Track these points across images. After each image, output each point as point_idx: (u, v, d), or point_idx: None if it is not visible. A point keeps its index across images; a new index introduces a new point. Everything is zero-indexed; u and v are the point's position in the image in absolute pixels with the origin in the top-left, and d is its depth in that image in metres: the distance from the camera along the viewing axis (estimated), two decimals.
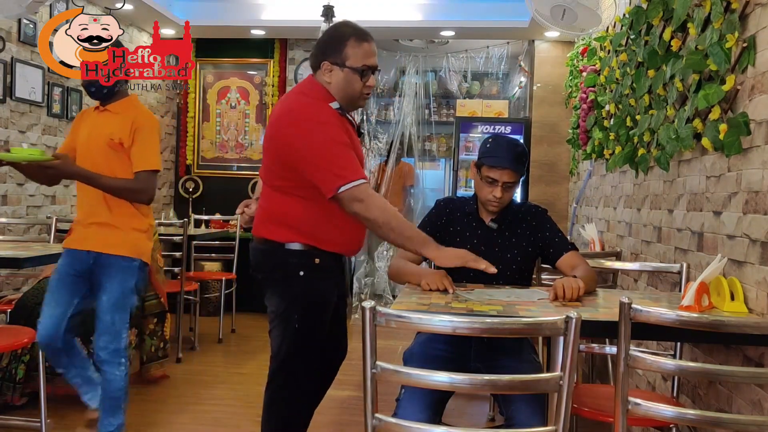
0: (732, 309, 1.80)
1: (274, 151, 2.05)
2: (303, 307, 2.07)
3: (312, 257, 2.05)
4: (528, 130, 5.32)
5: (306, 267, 2.05)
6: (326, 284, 2.10)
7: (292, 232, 2.05)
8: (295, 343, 2.09)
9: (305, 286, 2.06)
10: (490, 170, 2.15)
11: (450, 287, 1.97)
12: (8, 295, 3.59)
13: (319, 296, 2.09)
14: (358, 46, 2.06)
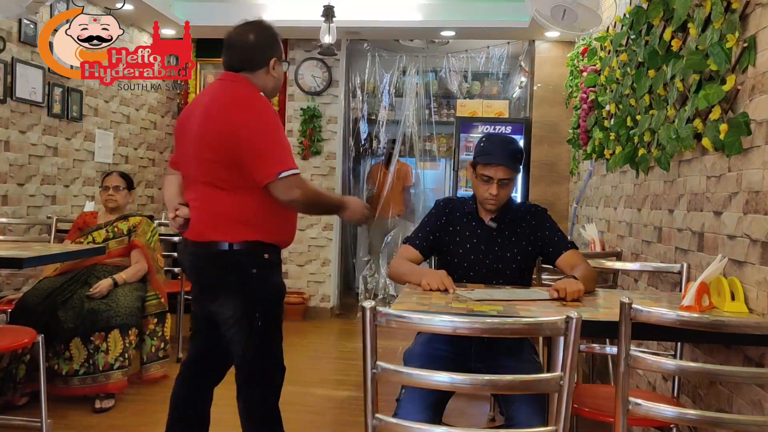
0: (732, 309, 1.80)
1: (215, 145, 1.98)
2: (263, 305, 2.07)
3: (261, 253, 2.04)
4: (528, 130, 5.32)
5: (257, 264, 2.03)
6: (278, 278, 2.13)
7: (239, 229, 2.01)
8: (262, 342, 2.09)
9: (261, 283, 2.06)
10: (485, 168, 2.17)
11: (450, 287, 1.98)
12: (8, 295, 3.60)
13: (275, 291, 2.11)
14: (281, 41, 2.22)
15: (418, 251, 2.26)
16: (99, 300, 3.19)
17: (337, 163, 5.65)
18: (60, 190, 4.34)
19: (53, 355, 3.09)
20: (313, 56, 5.54)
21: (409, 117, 6.04)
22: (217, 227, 2.02)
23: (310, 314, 5.57)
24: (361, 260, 6.14)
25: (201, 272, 2.11)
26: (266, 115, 2.02)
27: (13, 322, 3.11)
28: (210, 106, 2.04)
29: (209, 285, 2.11)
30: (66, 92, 4.31)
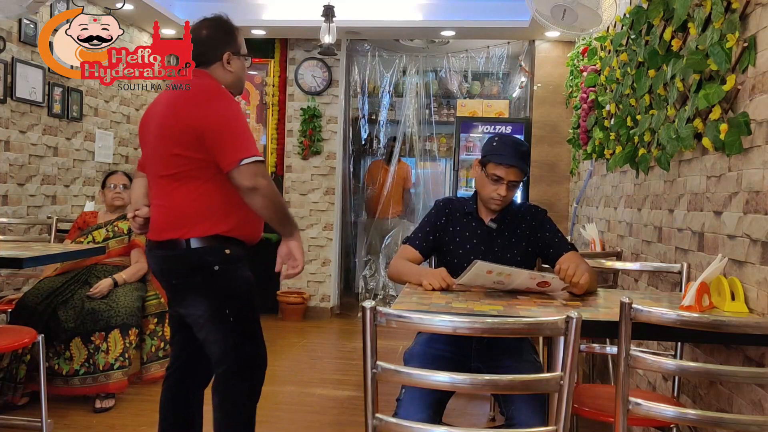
0: (733, 309, 1.80)
1: (179, 137, 1.97)
2: (232, 301, 2.05)
3: (222, 249, 2.01)
4: (528, 130, 5.32)
5: (219, 260, 2.01)
6: (244, 272, 2.09)
7: (196, 223, 1.98)
8: (240, 339, 2.06)
9: (226, 280, 2.03)
10: (497, 168, 2.16)
11: (451, 283, 1.98)
12: (9, 295, 3.60)
13: (243, 285, 2.08)
14: (240, 35, 2.20)
15: (418, 251, 2.26)
16: (99, 300, 3.20)
17: (337, 163, 5.65)
18: (60, 190, 4.34)
19: (53, 354, 3.09)
20: (313, 56, 5.54)
21: (410, 117, 6.04)
22: (175, 224, 1.99)
23: (310, 314, 5.57)
24: (361, 260, 6.14)
25: (165, 274, 2.09)
26: (229, 105, 2.01)
27: (13, 322, 3.11)
28: (173, 100, 2.04)
29: (176, 286, 2.09)
30: (66, 92, 4.31)
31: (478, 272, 1.87)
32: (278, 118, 5.67)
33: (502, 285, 1.94)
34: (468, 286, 1.97)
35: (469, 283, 1.94)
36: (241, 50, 2.17)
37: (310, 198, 5.65)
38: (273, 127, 5.67)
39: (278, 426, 3.05)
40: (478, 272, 1.87)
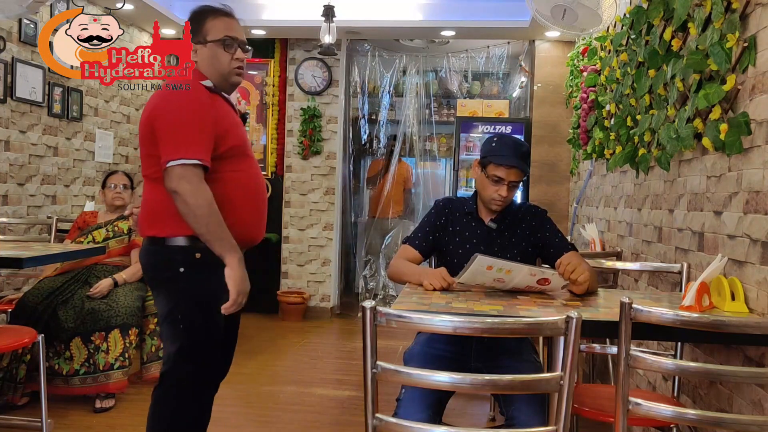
0: (733, 309, 1.80)
1: (145, 135, 1.93)
2: (187, 307, 1.93)
3: (192, 252, 1.89)
4: (528, 130, 5.32)
5: (186, 263, 1.90)
6: (212, 282, 1.90)
7: (170, 222, 1.90)
8: (183, 348, 1.93)
9: (187, 284, 1.92)
10: (497, 168, 2.15)
11: (451, 281, 1.98)
12: (9, 295, 3.60)
13: (204, 295, 1.92)
14: (216, 20, 2.01)
15: (418, 251, 2.26)
16: (99, 300, 3.20)
17: (337, 163, 5.65)
18: (60, 190, 4.34)
19: (53, 354, 3.09)
20: (313, 56, 5.54)
21: (410, 117, 6.04)
22: (153, 222, 1.95)
23: (311, 314, 5.57)
24: (361, 260, 6.14)
25: (144, 268, 2.03)
26: (181, 99, 1.89)
27: (13, 322, 3.11)
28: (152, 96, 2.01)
29: (149, 281, 2.06)
30: (66, 92, 4.31)
31: (478, 267, 1.87)
32: (278, 118, 5.67)
33: (502, 283, 1.94)
34: (468, 285, 1.97)
35: (470, 282, 1.94)
36: (207, 37, 1.98)
37: (310, 198, 5.66)
38: (273, 127, 5.67)
39: (278, 426, 3.05)
40: (478, 267, 1.87)
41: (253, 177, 2.03)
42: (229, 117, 2.00)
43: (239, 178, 1.97)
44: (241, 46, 2.02)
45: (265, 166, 5.67)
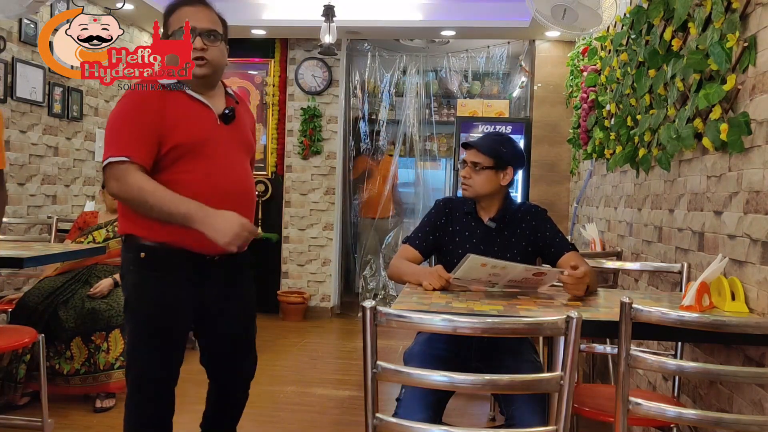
0: (733, 309, 1.80)
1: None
2: (130, 308, 1.90)
3: (138, 251, 1.85)
4: (529, 130, 5.32)
5: (134, 262, 1.86)
6: (151, 287, 1.86)
7: (123, 221, 1.90)
8: (129, 349, 1.91)
9: (132, 284, 1.88)
10: (463, 152, 2.26)
11: (448, 278, 1.97)
12: (9, 295, 3.60)
13: (142, 298, 1.86)
14: (178, 12, 1.93)
15: (418, 251, 2.26)
16: (100, 299, 3.20)
17: (337, 163, 5.65)
18: (60, 190, 4.34)
19: (54, 354, 3.09)
20: (313, 56, 5.54)
21: (410, 117, 6.04)
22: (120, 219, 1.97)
23: (311, 314, 5.57)
24: (361, 260, 6.14)
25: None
26: (118, 103, 1.89)
27: (13, 322, 3.11)
28: None
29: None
30: (66, 92, 4.31)
31: (472, 265, 1.87)
32: (278, 118, 5.67)
33: (498, 277, 1.94)
34: (464, 279, 1.97)
35: (465, 277, 1.94)
36: (168, 32, 1.93)
37: (310, 198, 5.66)
38: (273, 127, 5.67)
39: (279, 426, 3.05)
40: (472, 265, 1.87)
41: (208, 179, 1.86)
42: (185, 113, 1.88)
43: (189, 181, 1.84)
44: (201, 35, 1.88)
45: (265, 166, 5.67)
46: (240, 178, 1.95)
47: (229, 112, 1.96)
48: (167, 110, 1.86)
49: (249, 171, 2.03)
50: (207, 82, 1.94)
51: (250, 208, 1.98)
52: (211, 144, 1.90)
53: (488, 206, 2.26)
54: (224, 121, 1.95)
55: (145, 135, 1.82)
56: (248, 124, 2.11)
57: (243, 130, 2.03)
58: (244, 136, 2.03)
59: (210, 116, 1.93)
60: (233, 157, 1.95)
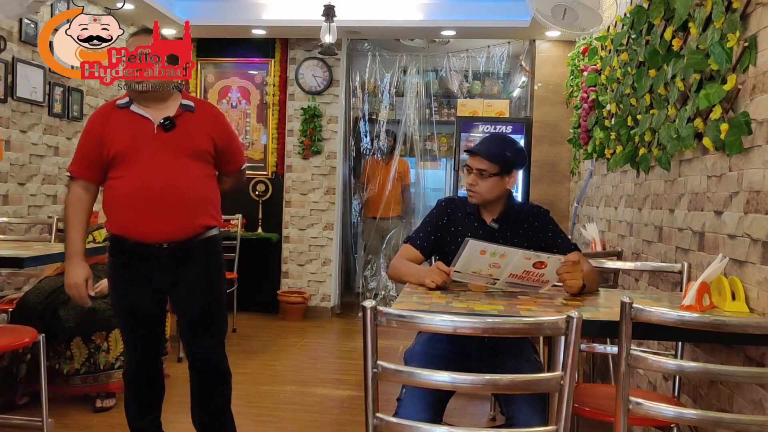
0: (733, 309, 1.80)
1: None
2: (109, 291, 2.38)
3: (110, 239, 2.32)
4: (529, 130, 5.32)
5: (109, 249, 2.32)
6: (113, 270, 2.32)
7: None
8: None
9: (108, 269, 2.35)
10: (468, 159, 2.23)
11: (448, 271, 1.98)
12: (9, 295, 3.60)
13: (111, 280, 2.34)
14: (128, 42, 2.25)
15: (419, 251, 2.26)
16: (100, 299, 3.19)
17: (337, 163, 5.65)
18: (61, 190, 4.34)
19: (54, 354, 3.08)
20: (313, 56, 5.54)
21: (410, 116, 6.03)
22: None
23: (311, 314, 5.57)
24: (361, 259, 6.14)
25: None
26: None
27: (13, 322, 3.11)
28: None
29: None
30: (66, 92, 4.31)
31: (471, 252, 1.87)
32: (279, 118, 5.67)
33: (498, 269, 1.94)
34: (465, 273, 1.96)
35: (466, 269, 1.94)
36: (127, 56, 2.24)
37: (310, 198, 5.65)
38: (273, 127, 5.67)
39: (279, 425, 3.05)
40: (471, 252, 1.87)
41: (135, 182, 2.19)
42: (122, 128, 2.22)
43: (118, 185, 2.22)
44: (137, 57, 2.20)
45: (265, 166, 5.67)
46: (172, 181, 2.20)
47: (165, 121, 2.21)
48: (108, 127, 2.22)
49: (188, 173, 2.24)
50: (149, 96, 2.23)
51: (180, 206, 2.22)
52: (145, 150, 2.21)
53: (492, 208, 2.26)
54: (162, 129, 2.22)
55: (87, 151, 2.25)
56: (201, 129, 2.29)
57: (188, 137, 2.25)
58: (187, 142, 2.24)
59: (148, 126, 2.22)
60: (170, 161, 2.21)
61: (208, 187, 2.30)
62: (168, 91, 2.25)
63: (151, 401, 2.41)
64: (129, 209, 2.20)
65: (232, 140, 2.41)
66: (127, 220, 2.21)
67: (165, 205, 2.19)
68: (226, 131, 2.38)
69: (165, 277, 2.26)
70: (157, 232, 2.21)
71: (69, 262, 2.25)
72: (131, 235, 2.22)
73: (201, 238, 2.28)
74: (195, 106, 2.30)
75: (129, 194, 2.19)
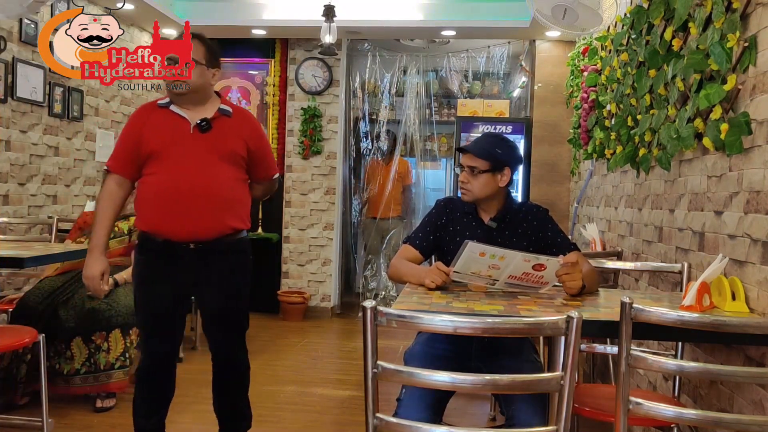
0: (733, 309, 1.80)
1: None
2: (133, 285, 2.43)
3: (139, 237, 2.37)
4: (529, 130, 5.32)
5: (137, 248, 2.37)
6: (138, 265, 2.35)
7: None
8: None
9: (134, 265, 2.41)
10: (461, 157, 2.26)
11: (448, 271, 1.98)
12: (9, 295, 3.60)
13: (136, 275, 2.37)
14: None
15: (418, 251, 2.26)
16: (100, 299, 3.20)
17: (337, 163, 5.65)
18: (61, 190, 4.34)
19: (54, 354, 3.09)
20: (313, 56, 5.54)
21: (410, 117, 6.03)
22: None
23: (311, 314, 5.57)
24: (361, 260, 6.13)
25: None
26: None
27: (14, 322, 3.11)
28: None
29: None
30: (67, 92, 4.31)
31: (471, 254, 1.87)
32: (279, 118, 5.67)
33: (497, 270, 1.94)
34: (464, 273, 1.96)
35: (465, 270, 1.94)
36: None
37: (310, 198, 5.66)
38: (273, 127, 5.67)
39: (279, 425, 3.05)
40: (471, 254, 1.87)
41: (167, 179, 2.24)
42: (160, 126, 2.28)
43: (151, 181, 2.27)
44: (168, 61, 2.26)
45: None
46: (204, 181, 2.25)
47: (202, 122, 2.27)
48: (147, 125, 2.29)
49: (220, 174, 2.28)
50: (188, 98, 2.30)
51: (208, 206, 2.26)
52: (180, 149, 2.26)
53: (489, 207, 2.26)
54: (199, 130, 2.27)
55: (126, 147, 2.31)
56: (236, 134, 2.34)
57: (223, 140, 2.29)
58: (221, 145, 2.29)
59: (185, 126, 2.28)
60: (204, 161, 2.26)
61: (239, 190, 2.34)
62: (205, 94, 2.32)
63: (161, 401, 2.42)
64: (159, 206, 2.24)
65: (265, 148, 2.47)
66: (156, 216, 2.25)
67: (194, 204, 2.22)
68: (260, 138, 2.44)
69: (190, 276, 2.30)
70: (185, 230, 2.24)
71: (89, 255, 2.30)
72: (159, 231, 2.26)
73: (227, 240, 2.31)
74: (232, 111, 2.36)
75: (160, 191, 2.24)
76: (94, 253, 2.29)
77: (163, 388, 2.41)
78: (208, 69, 2.31)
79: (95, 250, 2.29)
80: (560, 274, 1.94)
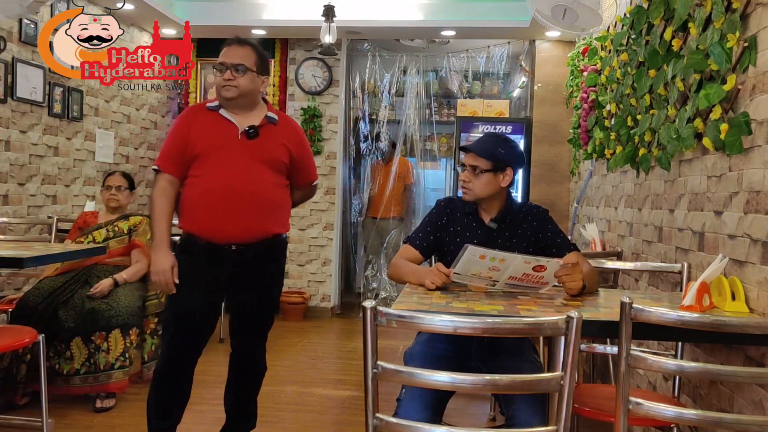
0: (733, 309, 1.80)
1: None
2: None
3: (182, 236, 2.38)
4: (529, 130, 5.32)
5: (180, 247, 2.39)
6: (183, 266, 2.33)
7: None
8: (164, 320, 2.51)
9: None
10: (463, 157, 2.26)
11: (448, 272, 1.98)
12: (9, 295, 3.60)
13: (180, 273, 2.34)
14: (220, 52, 2.37)
15: (418, 251, 2.26)
16: (100, 300, 3.20)
17: (337, 163, 5.65)
18: (61, 190, 4.34)
19: (54, 354, 3.09)
20: (313, 56, 5.54)
21: (410, 117, 6.03)
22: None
23: (311, 314, 5.57)
24: (361, 260, 6.13)
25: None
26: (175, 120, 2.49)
27: (13, 322, 3.11)
28: None
29: None
30: (66, 92, 4.31)
31: (471, 256, 1.87)
32: None
33: (497, 272, 1.94)
34: (464, 275, 1.96)
35: (465, 272, 1.94)
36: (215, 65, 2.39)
37: None
38: None
39: (279, 425, 3.05)
40: (471, 256, 1.87)
41: (212, 181, 2.28)
42: (208, 129, 2.33)
43: (196, 183, 2.31)
44: (230, 68, 2.30)
45: None
46: (248, 185, 2.29)
47: (250, 129, 2.32)
48: (194, 128, 2.33)
49: (263, 179, 2.33)
50: (237, 103, 2.34)
51: (252, 210, 2.31)
52: (226, 153, 2.30)
53: (489, 207, 2.25)
54: (246, 136, 2.32)
55: (174, 148, 2.35)
56: (281, 141, 2.40)
57: (268, 147, 2.35)
58: (266, 151, 2.35)
59: (233, 131, 2.33)
60: (249, 166, 2.30)
61: (280, 196, 2.40)
62: (254, 100, 2.39)
63: (179, 402, 2.43)
64: (203, 207, 2.29)
65: (306, 155, 2.53)
66: (200, 217, 2.30)
67: (237, 206, 2.28)
68: (302, 145, 2.49)
69: (227, 277, 2.35)
70: (227, 233, 2.29)
71: (156, 250, 2.31)
72: (202, 233, 2.30)
73: (268, 243, 2.37)
74: (278, 119, 2.43)
75: (204, 193, 2.29)
76: (162, 247, 2.31)
77: (182, 389, 2.42)
78: (258, 76, 2.37)
79: (162, 245, 2.31)
80: (560, 274, 1.94)
